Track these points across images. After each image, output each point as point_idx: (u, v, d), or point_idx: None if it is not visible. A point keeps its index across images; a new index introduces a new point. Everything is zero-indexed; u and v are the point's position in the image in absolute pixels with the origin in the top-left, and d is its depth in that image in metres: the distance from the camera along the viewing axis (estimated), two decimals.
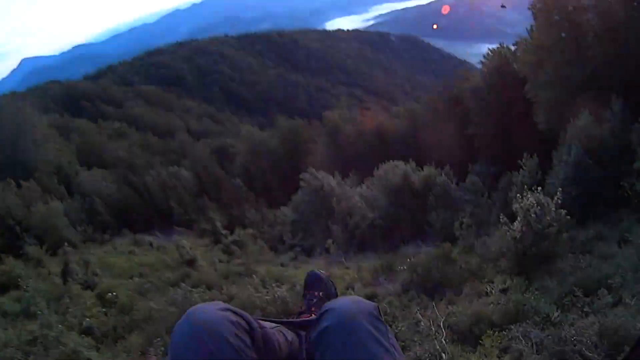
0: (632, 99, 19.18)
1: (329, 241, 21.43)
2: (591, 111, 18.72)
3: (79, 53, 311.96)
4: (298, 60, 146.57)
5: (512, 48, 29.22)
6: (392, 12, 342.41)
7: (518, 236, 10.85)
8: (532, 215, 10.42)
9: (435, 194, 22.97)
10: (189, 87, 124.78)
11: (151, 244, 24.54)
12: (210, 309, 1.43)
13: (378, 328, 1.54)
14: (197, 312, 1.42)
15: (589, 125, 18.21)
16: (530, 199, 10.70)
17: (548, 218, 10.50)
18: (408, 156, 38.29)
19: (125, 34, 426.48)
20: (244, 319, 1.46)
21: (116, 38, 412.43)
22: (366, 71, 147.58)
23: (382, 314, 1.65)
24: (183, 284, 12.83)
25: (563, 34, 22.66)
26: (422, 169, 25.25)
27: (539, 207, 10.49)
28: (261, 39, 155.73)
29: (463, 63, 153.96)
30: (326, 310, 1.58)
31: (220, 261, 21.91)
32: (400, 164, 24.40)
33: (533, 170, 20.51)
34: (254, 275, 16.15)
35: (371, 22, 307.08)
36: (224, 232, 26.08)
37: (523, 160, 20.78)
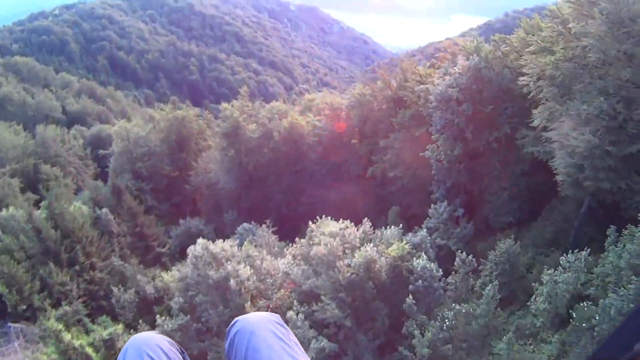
0: None
1: None
2: None
3: None
4: (192, 27, 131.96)
5: (487, 45, 19.55)
6: None
7: None
8: None
9: (414, 290, 12.95)
10: (73, 56, 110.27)
11: None
12: (149, 333, 1.72)
13: (278, 329, 1.80)
14: (138, 335, 1.69)
15: None
16: None
17: None
18: (333, 175, 28.23)
19: None
20: (178, 346, 1.74)
21: None
22: (263, 41, 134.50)
23: (284, 322, 1.88)
24: None
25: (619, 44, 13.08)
26: (386, 226, 15.13)
27: None
28: (153, 3, 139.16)
29: (362, 36, 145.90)
30: (234, 323, 1.84)
31: None
32: (352, 231, 13.93)
33: (579, 271, 11.61)
34: None
35: None
36: (76, 345, 14.65)
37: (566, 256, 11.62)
